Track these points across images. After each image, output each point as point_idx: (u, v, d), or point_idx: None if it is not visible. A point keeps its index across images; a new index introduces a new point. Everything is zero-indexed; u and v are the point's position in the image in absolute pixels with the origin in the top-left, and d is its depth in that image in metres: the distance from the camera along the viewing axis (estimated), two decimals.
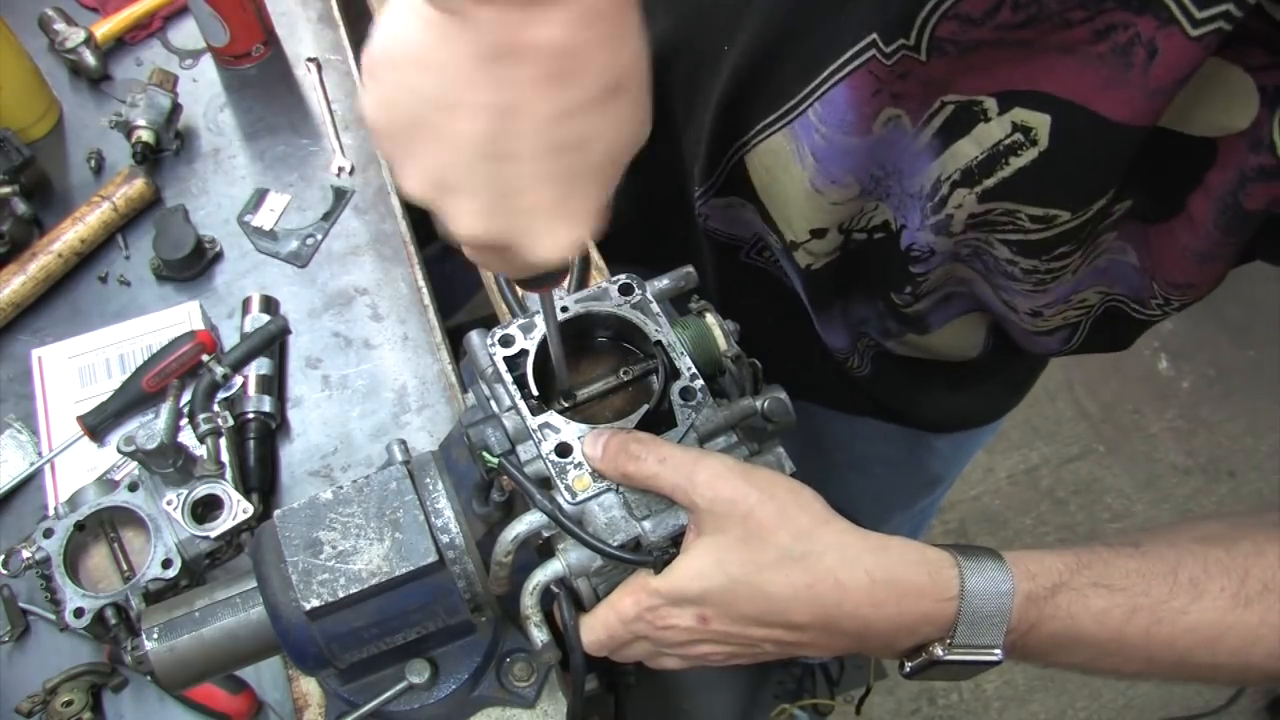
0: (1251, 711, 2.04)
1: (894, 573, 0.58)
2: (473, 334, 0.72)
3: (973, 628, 0.58)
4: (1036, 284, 0.71)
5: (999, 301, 0.77)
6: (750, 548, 0.59)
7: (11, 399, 1.04)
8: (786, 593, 0.59)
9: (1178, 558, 0.60)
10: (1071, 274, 0.70)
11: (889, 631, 0.59)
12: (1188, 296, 0.67)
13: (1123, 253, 0.69)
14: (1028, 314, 0.75)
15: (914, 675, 0.61)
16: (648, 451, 0.61)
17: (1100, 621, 0.59)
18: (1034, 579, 0.59)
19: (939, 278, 0.78)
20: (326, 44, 1.33)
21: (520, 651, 0.84)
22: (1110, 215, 0.65)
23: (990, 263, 0.72)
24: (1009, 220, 0.66)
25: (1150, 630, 0.58)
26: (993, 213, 0.66)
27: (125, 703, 0.89)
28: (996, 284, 0.75)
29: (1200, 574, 0.58)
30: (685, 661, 0.66)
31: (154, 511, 0.83)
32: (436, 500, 0.68)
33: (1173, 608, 0.58)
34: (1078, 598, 0.59)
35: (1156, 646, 0.59)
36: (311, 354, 1.08)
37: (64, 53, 1.26)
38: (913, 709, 2.04)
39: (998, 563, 0.59)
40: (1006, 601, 0.58)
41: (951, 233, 0.70)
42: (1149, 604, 0.58)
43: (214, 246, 1.14)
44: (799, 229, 0.81)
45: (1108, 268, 0.71)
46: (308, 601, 0.64)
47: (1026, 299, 0.73)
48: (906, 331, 0.86)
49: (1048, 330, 0.77)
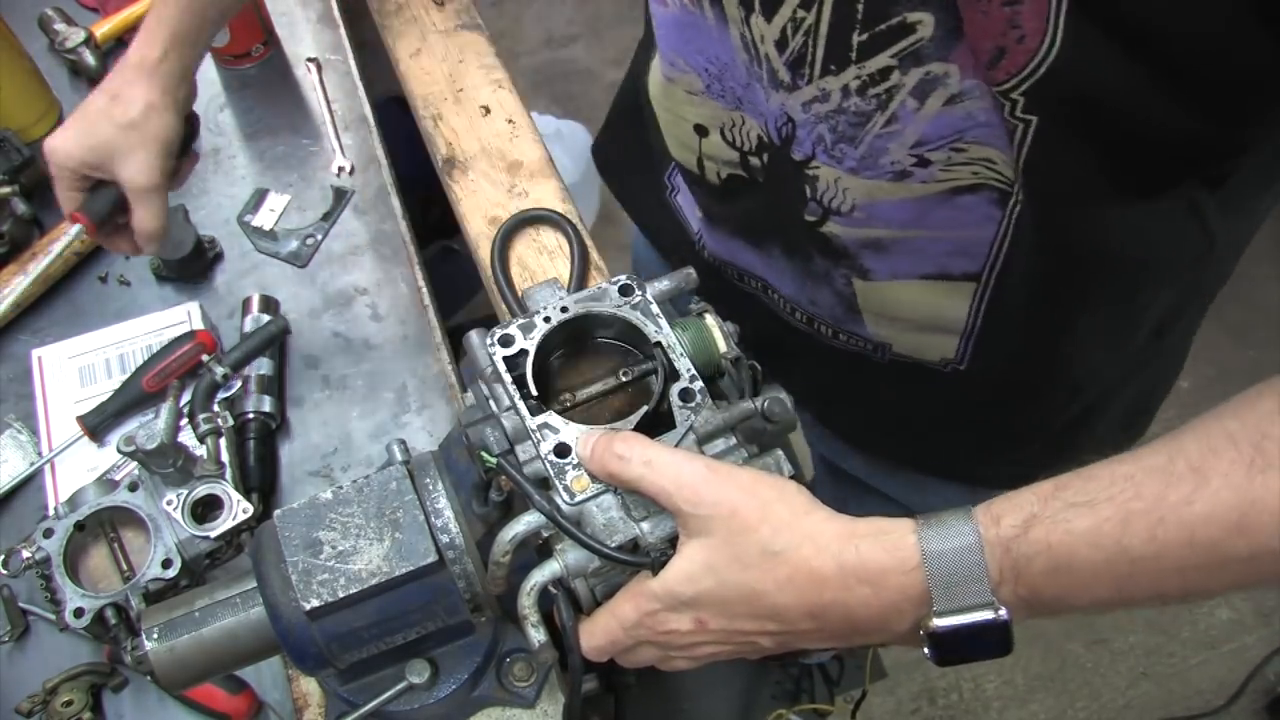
0: (1251, 711, 2.04)
1: (858, 555, 0.57)
2: (472, 334, 0.72)
3: (949, 591, 0.55)
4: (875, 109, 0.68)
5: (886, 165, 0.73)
6: (734, 546, 0.59)
7: (11, 399, 1.04)
8: (771, 587, 0.59)
9: (1177, 445, 0.52)
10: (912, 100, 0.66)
11: (873, 615, 0.58)
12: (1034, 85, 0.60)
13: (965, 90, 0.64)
14: (911, 161, 0.70)
15: (941, 659, 0.57)
16: (633, 453, 0.61)
17: (1093, 543, 0.52)
18: (1000, 522, 0.54)
19: (829, 179, 0.75)
20: (326, 44, 1.33)
21: (520, 651, 0.84)
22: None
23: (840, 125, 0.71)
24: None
25: (1156, 534, 0.51)
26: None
27: (125, 703, 0.89)
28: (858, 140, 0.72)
29: (1204, 455, 0.51)
30: (694, 662, 0.66)
31: (154, 511, 0.83)
32: (436, 500, 0.68)
33: (1172, 501, 0.51)
34: (1055, 526, 0.53)
35: (1175, 550, 0.51)
36: (311, 354, 1.08)
37: (64, 53, 1.26)
38: (913, 709, 2.04)
39: (959, 518, 0.55)
40: (974, 555, 0.54)
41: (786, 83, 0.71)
42: (1142, 507, 0.51)
43: (214, 246, 1.14)
44: (686, 134, 0.84)
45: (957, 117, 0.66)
46: (308, 601, 0.64)
47: (886, 139, 0.70)
48: (849, 273, 0.83)
49: (953, 186, 0.71)
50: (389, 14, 1.30)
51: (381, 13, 1.30)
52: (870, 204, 0.75)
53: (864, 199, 0.75)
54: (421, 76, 1.23)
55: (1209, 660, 2.09)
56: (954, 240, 0.75)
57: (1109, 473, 0.54)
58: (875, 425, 1.03)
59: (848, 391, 0.99)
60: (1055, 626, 2.09)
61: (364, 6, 1.33)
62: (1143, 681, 2.07)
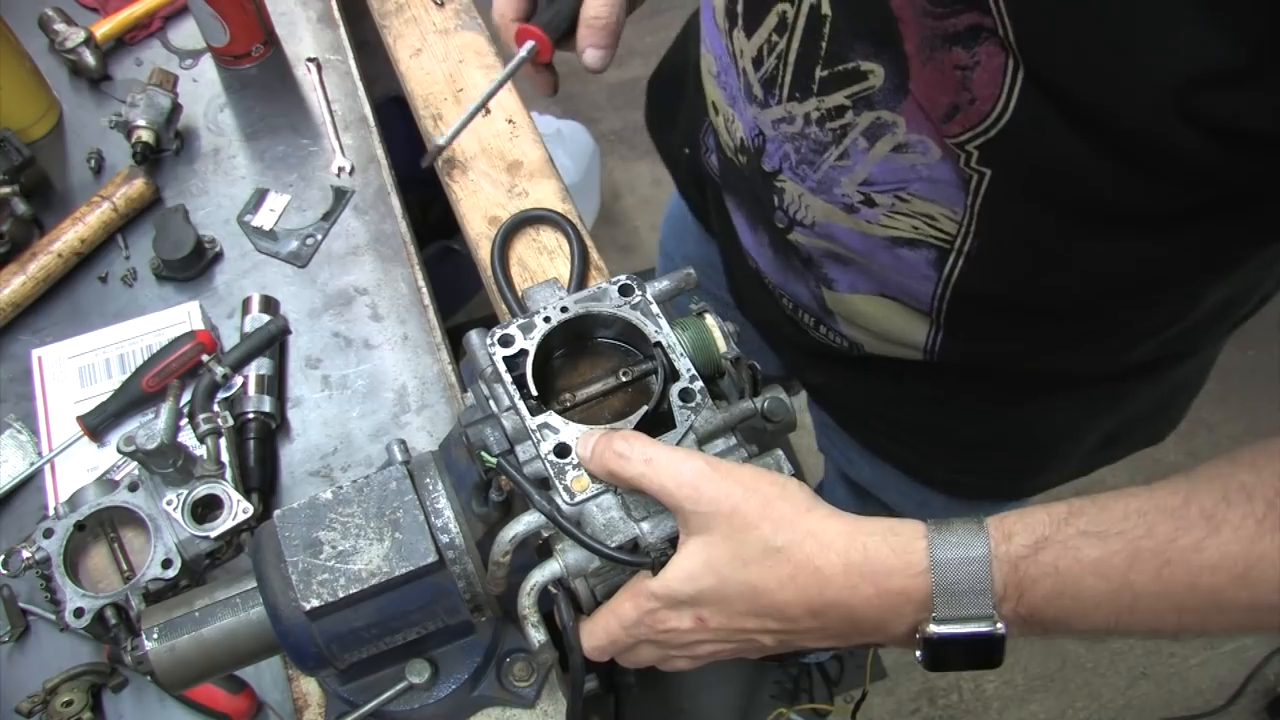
0: (1251, 712, 2.04)
1: (865, 554, 0.57)
2: (472, 334, 0.72)
3: (951, 600, 0.55)
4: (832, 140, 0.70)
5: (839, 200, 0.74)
6: (735, 544, 0.59)
7: (11, 399, 1.04)
8: (773, 585, 0.59)
9: (1190, 489, 0.53)
10: (862, 139, 0.68)
11: (874, 615, 0.58)
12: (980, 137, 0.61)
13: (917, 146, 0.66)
14: (859, 198, 0.72)
15: (932, 664, 0.58)
16: (634, 452, 0.61)
17: (1100, 573, 0.53)
18: (1011, 539, 0.55)
19: (794, 193, 0.77)
20: (326, 44, 1.33)
21: (520, 651, 0.84)
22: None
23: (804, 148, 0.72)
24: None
25: (1162, 574, 0.52)
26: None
27: (125, 703, 0.89)
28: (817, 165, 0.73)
29: (1217, 503, 0.52)
30: (695, 662, 0.66)
31: (154, 511, 0.83)
32: (436, 500, 0.68)
33: (1182, 546, 0.52)
34: (1065, 551, 0.54)
35: (1178, 592, 0.52)
36: (311, 354, 1.08)
37: (64, 53, 1.26)
38: (912, 709, 2.04)
39: (972, 529, 0.56)
40: (982, 568, 0.54)
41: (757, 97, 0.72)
42: (1153, 546, 0.52)
43: (214, 246, 1.14)
44: (708, 103, 0.86)
45: (903, 167, 0.68)
46: (308, 601, 0.64)
47: (839, 171, 0.72)
48: (815, 280, 0.85)
49: (894, 236, 0.73)
50: (389, 14, 1.30)
51: (381, 13, 1.30)
52: (828, 224, 0.78)
53: (822, 218, 0.77)
54: (421, 76, 1.23)
55: (1209, 660, 2.09)
56: (899, 284, 0.78)
57: (1123, 506, 0.54)
58: (860, 417, 1.04)
59: (834, 379, 1.00)
60: None
61: (364, 6, 1.33)
62: (1143, 681, 2.07)
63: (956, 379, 0.88)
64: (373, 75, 1.33)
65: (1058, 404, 0.90)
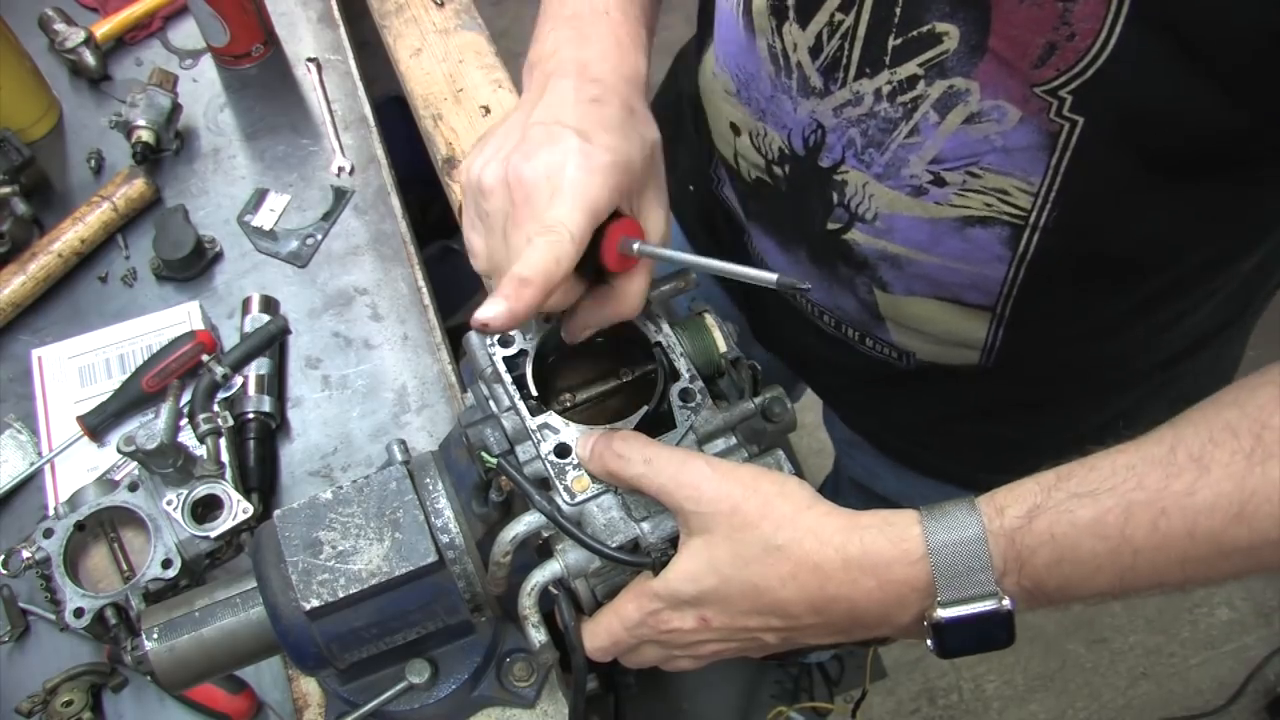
0: (1251, 712, 2.04)
1: (863, 547, 0.57)
2: (472, 334, 0.72)
3: (953, 582, 0.55)
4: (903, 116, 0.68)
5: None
6: (736, 543, 0.59)
7: (11, 399, 1.04)
8: (774, 583, 0.59)
9: (1175, 435, 0.53)
10: (934, 112, 0.67)
11: (878, 608, 0.58)
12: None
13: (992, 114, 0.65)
14: (929, 177, 0.71)
15: (943, 650, 0.57)
16: (634, 452, 0.61)
17: (1097, 533, 0.53)
18: (1004, 513, 0.55)
19: (857, 183, 0.76)
20: (326, 44, 1.33)
21: (520, 651, 0.84)
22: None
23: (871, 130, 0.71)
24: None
25: (1159, 525, 0.51)
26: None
27: (125, 703, 0.89)
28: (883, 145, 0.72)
29: (1204, 445, 0.51)
30: (698, 661, 0.66)
31: (154, 511, 0.83)
32: (436, 500, 0.68)
33: (1174, 492, 0.51)
34: (1059, 516, 0.53)
35: (1177, 541, 0.52)
36: (311, 354, 1.08)
37: (64, 53, 1.26)
38: (912, 709, 2.04)
39: (963, 509, 0.56)
40: (978, 546, 0.54)
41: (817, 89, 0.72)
42: (1145, 498, 0.52)
43: (214, 246, 1.14)
44: (725, 129, 0.84)
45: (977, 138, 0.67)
46: (308, 601, 0.64)
47: (908, 150, 0.70)
48: (870, 282, 0.83)
49: (965, 215, 0.71)
50: (389, 14, 1.30)
51: (381, 13, 1.30)
52: (891, 215, 0.76)
53: (886, 208, 0.75)
54: (421, 76, 1.23)
55: (1209, 660, 2.09)
56: (965, 273, 0.76)
57: (1110, 463, 0.54)
58: (905, 434, 1.02)
59: (877, 398, 0.98)
60: (1055, 626, 2.10)
61: (364, 6, 1.33)
62: (1143, 681, 2.07)
63: (1007, 382, 0.86)
64: (373, 75, 1.33)
65: (1111, 397, 0.88)
